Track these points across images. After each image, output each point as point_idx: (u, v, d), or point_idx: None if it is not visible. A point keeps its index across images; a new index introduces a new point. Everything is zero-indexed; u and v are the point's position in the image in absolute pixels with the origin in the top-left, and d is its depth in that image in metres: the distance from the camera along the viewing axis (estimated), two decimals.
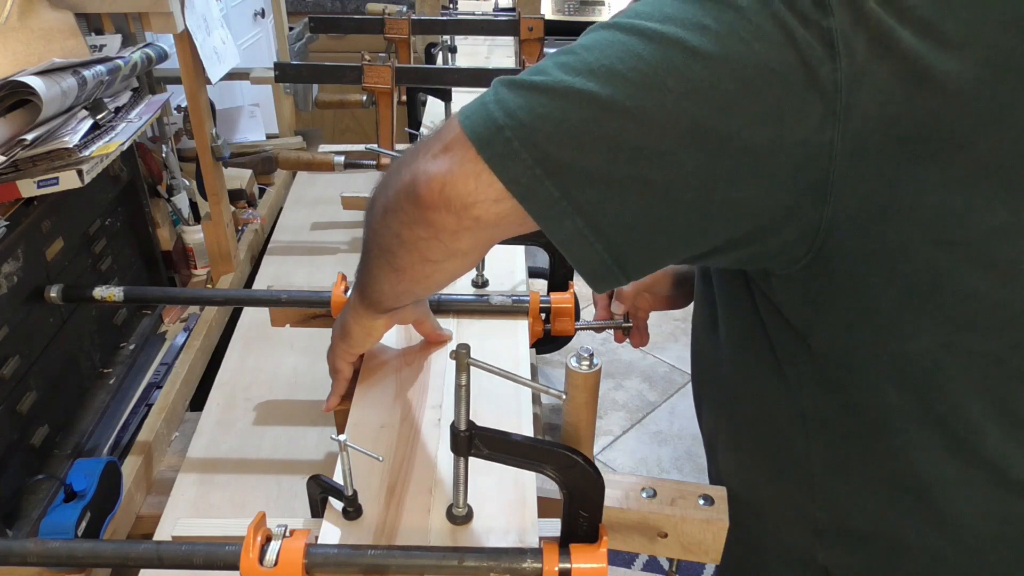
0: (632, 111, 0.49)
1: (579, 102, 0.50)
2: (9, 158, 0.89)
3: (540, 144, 0.50)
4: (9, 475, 0.92)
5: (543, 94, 0.51)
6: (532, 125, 0.51)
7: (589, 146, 0.50)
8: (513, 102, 0.52)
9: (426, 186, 0.55)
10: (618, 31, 0.52)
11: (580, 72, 0.50)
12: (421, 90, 1.52)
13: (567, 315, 0.91)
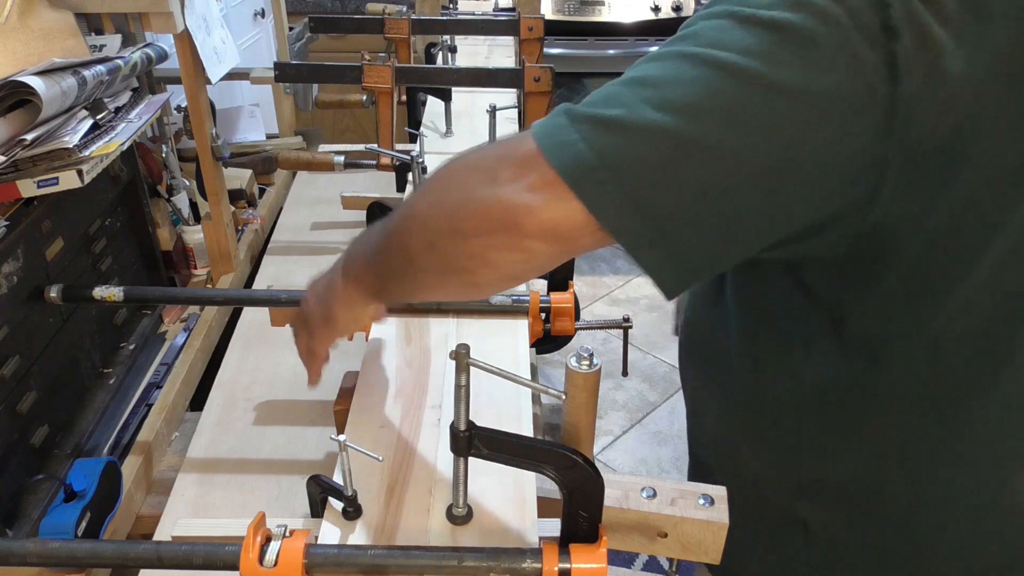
0: (718, 150, 0.52)
1: (667, 143, 0.52)
2: (9, 158, 0.89)
3: (632, 185, 0.53)
4: (9, 475, 0.92)
5: (632, 134, 0.53)
6: (624, 167, 0.53)
7: (677, 186, 0.53)
8: (602, 142, 0.53)
9: (527, 218, 0.56)
10: (700, 64, 0.53)
11: (666, 109, 0.52)
12: (421, 90, 1.52)
13: (567, 315, 0.91)
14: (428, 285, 0.67)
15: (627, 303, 3.09)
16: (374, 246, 0.69)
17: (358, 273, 0.73)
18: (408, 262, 0.65)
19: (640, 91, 0.54)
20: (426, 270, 0.64)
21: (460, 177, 0.61)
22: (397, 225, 0.65)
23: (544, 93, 1.30)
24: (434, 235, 0.61)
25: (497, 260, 0.59)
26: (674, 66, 0.54)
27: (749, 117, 0.51)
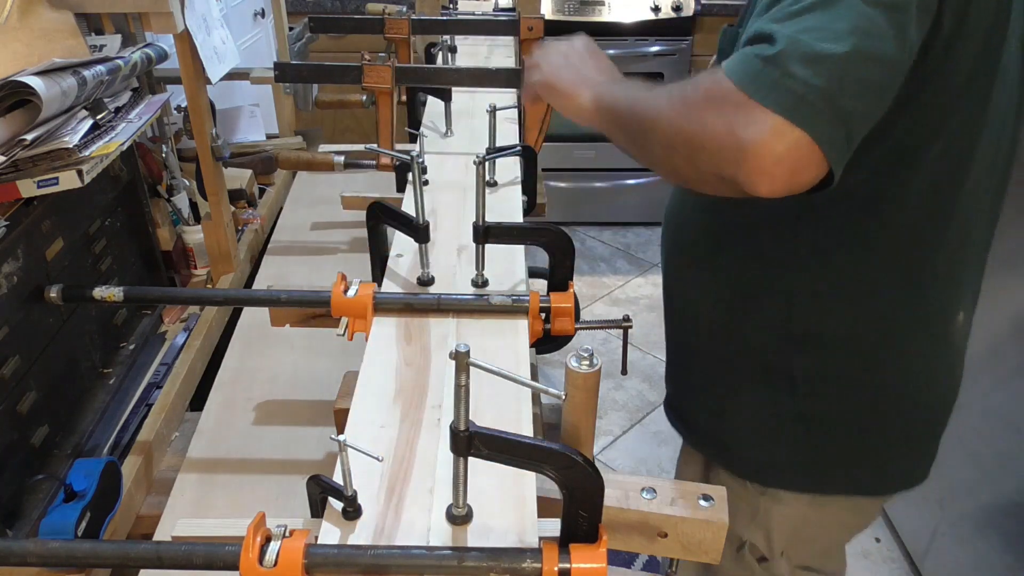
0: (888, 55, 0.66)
1: (855, 64, 0.65)
2: (9, 158, 0.89)
3: (837, 104, 0.65)
4: (9, 475, 0.92)
5: (828, 64, 0.64)
6: (829, 93, 0.64)
7: (866, 94, 0.67)
8: (804, 78, 0.64)
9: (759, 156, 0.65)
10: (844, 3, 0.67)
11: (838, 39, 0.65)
12: (421, 90, 1.52)
13: (567, 315, 0.91)
14: (645, 159, 0.81)
15: (627, 303, 3.09)
16: (624, 110, 0.83)
17: (604, 108, 0.87)
18: (643, 141, 0.79)
19: (812, 33, 0.65)
20: (651, 153, 0.78)
21: (702, 111, 0.70)
22: (648, 116, 0.77)
23: None
24: (677, 143, 0.73)
25: (705, 182, 0.73)
26: (821, 9, 0.66)
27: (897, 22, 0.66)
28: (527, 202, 1.23)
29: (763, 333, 0.94)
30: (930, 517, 1.85)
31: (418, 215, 0.96)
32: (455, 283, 0.99)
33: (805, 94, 0.63)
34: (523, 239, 1.01)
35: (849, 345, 0.90)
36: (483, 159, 0.90)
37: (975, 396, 1.68)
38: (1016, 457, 1.55)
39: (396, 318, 0.91)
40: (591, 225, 3.58)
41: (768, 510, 1.04)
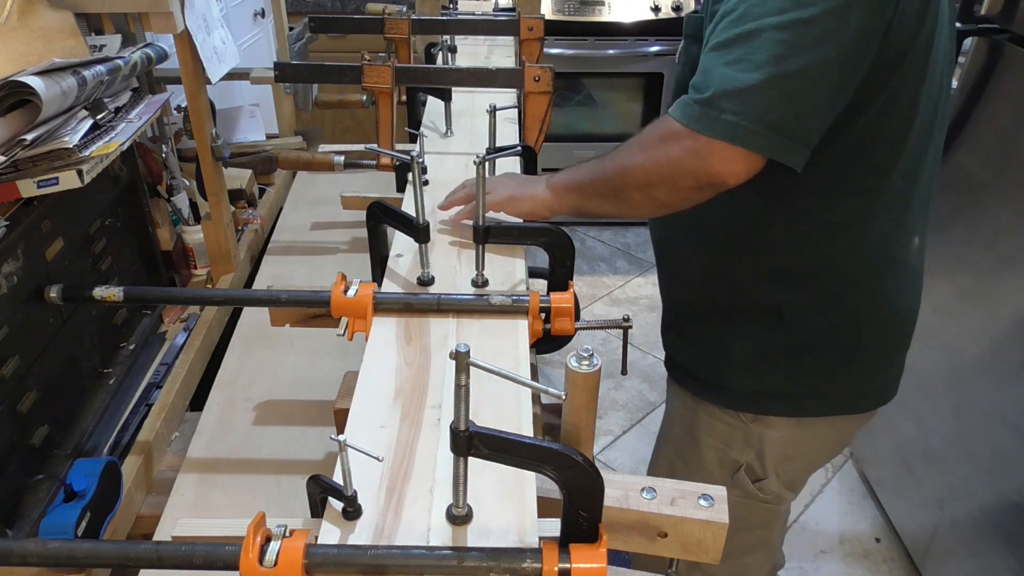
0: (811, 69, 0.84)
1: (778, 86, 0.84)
2: (9, 158, 0.89)
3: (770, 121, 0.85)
4: (9, 475, 0.92)
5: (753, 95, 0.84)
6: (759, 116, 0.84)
7: (800, 105, 0.86)
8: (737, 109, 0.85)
9: (720, 173, 0.88)
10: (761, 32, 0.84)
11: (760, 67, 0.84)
12: (421, 90, 1.52)
13: (567, 315, 0.91)
14: (625, 208, 0.99)
15: (627, 303, 3.09)
16: (586, 180, 1.04)
17: (563, 189, 1.08)
18: (620, 194, 0.98)
19: (736, 66, 0.84)
20: (631, 200, 0.97)
21: (664, 149, 0.91)
22: (615, 172, 0.98)
23: (544, 93, 1.30)
24: (654, 180, 0.93)
25: (688, 199, 0.93)
26: (744, 43, 0.84)
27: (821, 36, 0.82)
28: None
29: (750, 273, 1.07)
30: (930, 517, 1.85)
31: (418, 215, 0.96)
32: (455, 283, 0.99)
33: (737, 122, 0.84)
34: (523, 239, 1.02)
35: (827, 275, 1.03)
36: (483, 159, 0.90)
37: (975, 396, 1.68)
38: (1016, 457, 1.55)
39: (396, 318, 0.91)
40: (591, 225, 3.58)
41: (760, 435, 1.15)
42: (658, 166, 0.91)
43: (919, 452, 1.90)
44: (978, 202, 1.68)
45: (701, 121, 0.86)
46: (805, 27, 0.81)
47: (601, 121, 3.41)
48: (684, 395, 1.23)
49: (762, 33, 0.83)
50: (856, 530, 2.09)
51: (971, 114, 1.69)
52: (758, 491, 1.21)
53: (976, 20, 1.65)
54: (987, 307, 1.65)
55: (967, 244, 1.70)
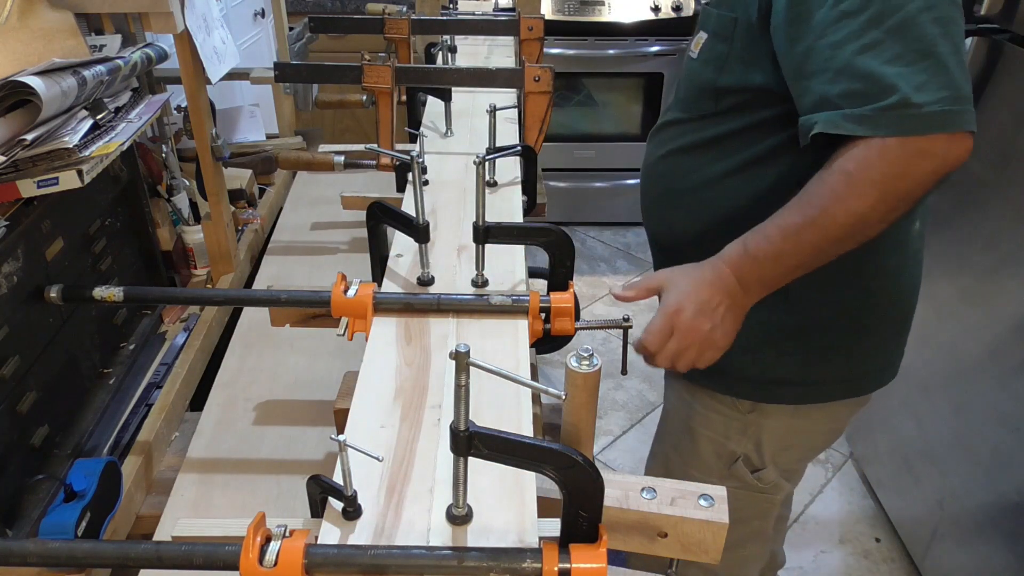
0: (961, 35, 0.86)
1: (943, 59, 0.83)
2: (9, 158, 0.89)
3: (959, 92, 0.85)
4: (9, 475, 0.92)
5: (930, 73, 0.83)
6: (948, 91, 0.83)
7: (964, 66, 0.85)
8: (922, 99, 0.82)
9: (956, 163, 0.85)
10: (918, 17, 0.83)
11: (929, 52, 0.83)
12: (421, 90, 1.52)
13: (567, 315, 0.91)
14: (837, 254, 0.90)
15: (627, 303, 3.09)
16: (785, 257, 0.90)
17: (767, 283, 0.93)
18: (841, 245, 0.89)
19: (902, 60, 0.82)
20: (860, 240, 0.88)
21: (891, 170, 0.84)
22: (841, 229, 0.87)
23: (544, 93, 1.30)
24: (891, 211, 0.86)
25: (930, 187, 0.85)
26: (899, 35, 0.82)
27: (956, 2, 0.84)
28: (527, 202, 1.23)
29: None
30: (930, 517, 1.85)
31: (418, 215, 0.96)
32: (455, 283, 0.99)
33: (949, 109, 0.81)
34: (523, 239, 1.02)
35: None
36: (483, 159, 0.90)
37: (975, 396, 1.68)
38: (1016, 457, 1.55)
39: (396, 318, 0.91)
40: (591, 225, 3.58)
41: (758, 424, 1.16)
42: (896, 191, 0.84)
43: (919, 452, 1.90)
44: (978, 202, 1.68)
45: (916, 124, 0.82)
46: (944, 1, 0.82)
47: (601, 121, 3.41)
48: (680, 388, 1.24)
49: (916, 20, 0.81)
50: (856, 530, 2.09)
51: None
52: (756, 481, 1.22)
53: (976, 20, 1.65)
54: (987, 307, 1.65)
55: (967, 244, 1.70)
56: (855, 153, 0.84)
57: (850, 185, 0.85)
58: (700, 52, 1.06)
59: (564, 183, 3.44)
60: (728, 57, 1.00)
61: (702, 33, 1.05)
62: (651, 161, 1.17)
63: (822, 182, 0.87)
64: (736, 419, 1.17)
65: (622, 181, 3.48)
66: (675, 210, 1.13)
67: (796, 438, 1.18)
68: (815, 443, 1.24)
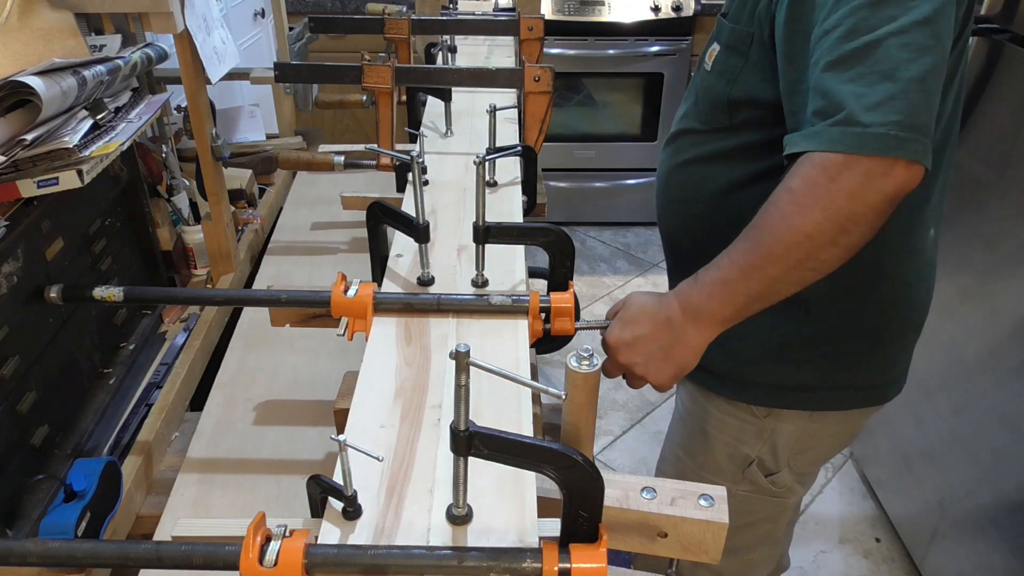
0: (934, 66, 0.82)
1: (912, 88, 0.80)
2: (9, 158, 0.89)
3: (913, 125, 0.80)
4: (9, 475, 0.92)
5: (896, 102, 0.79)
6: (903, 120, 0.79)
7: (932, 101, 0.81)
8: (883, 120, 0.79)
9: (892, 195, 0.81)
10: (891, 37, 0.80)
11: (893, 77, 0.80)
12: (421, 90, 1.52)
13: (567, 315, 0.91)
14: (804, 284, 0.85)
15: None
16: (733, 284, 0.86)
17: (716, 314, 0.88)
18: (796, 271, 0.84)
19: (864, 80, 0.80)
20: (818, 267, 0.83)
21: (835, 187, 0.80)
22: (783, 249, 0.82)
23: (544, 93, 1.30)
24: (841, 231, 0.81)
25: (875, 228, 0.82)
26: (865, 56, 0.80)
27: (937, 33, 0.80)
28: (527, 202, 1.23)
29: None
30: (930, 517, 1.85)
31: (418, 215, 0.96)
32: (455, 283, 0.99)
33: (892, 133, 0.78)
34: (523, 239, 1.02)
35: (854, 264, 0.95)
36: (483, 159, 0.90)
37: (975, 396, 1.68)
38: (1016, 457, 1.55)
39: (396, 318, 0.91)
40: (591, 225, 3.58)
41: (773, 429, 1.15)
42: (839, 209, 0.80)
43: (919, 452, 1.90)
44: (978, 202, 1.68)
45: (857, 142, 0.79)
46: (923, 28, 0.79)
47: (601, 121, 3.41)
48: (694, 390, 1.23)
49: (882, 43, 0.79)
50: (856, 530, 2.09)
51: (971, 114, 1.69)
52: (770, 485, 1.21)
53: (976, 20, 1.65)
54: (987, 307, 1.65)
55: (967, 244, 1.70)
56: (799, 169, 0.82)
57: (792, 201, 0.82)
58: (713, 64, 1.05)
59: (564, 183, 3.44)
60: (742, 71, 1.00)
61: (715, 45, 1.05)
62: (668, 168, 1.16)
63: (770, 202, 0.85)
64: (751, 423, 1.16)
65: (622, 181, 3.48)
66: (691, 216, 1.13)
67: (812, 441, 1.18)
68: (831, 446, 1.23)
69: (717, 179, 1.07)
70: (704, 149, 1.09)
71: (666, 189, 1.17)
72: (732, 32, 1.01)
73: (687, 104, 1.15)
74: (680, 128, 1.15)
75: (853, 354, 1.09)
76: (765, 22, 0.95)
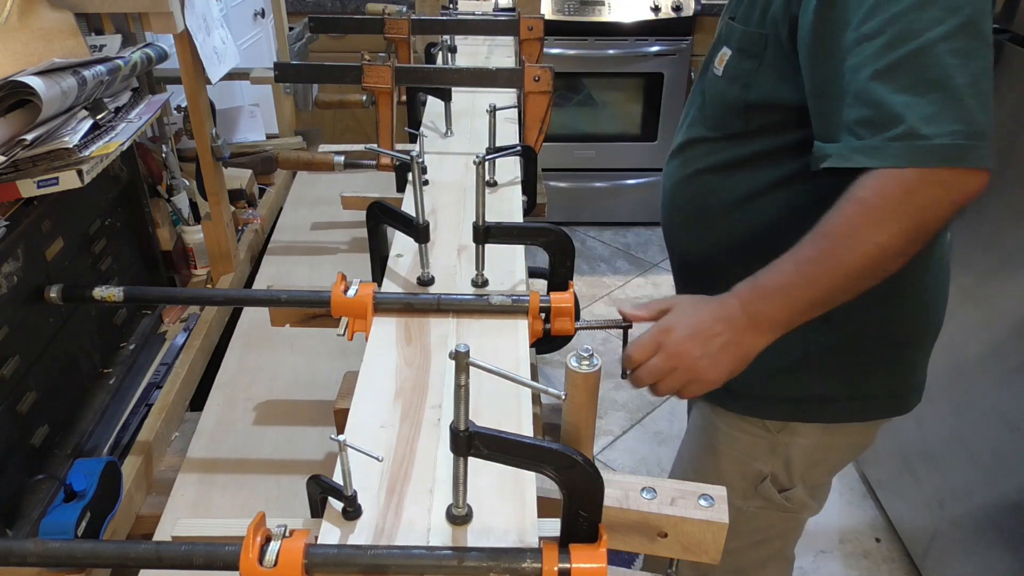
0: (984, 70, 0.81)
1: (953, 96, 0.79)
2: (9, 158, 0.89)
3: (971, 124, 0.80)
4: (9, 475, 0.92)
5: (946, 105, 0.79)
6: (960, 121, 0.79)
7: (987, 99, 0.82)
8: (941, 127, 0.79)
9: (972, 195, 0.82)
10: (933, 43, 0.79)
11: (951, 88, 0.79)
12: (421, 90, 1.52)
13: (567, 315, 0.91)
14: (854, 293, 0.85)
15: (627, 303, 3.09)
16: (796, 291, 0.85)
17: (777, 319, 0.87)
18: (861, 282, 0.84)
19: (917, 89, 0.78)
20: (880, 277, 0.84)
21: (909, 203, 0.80)
22: (857, 263, 0.82)
23: (544, 93, 1.30)
24: (911, 242, 0.81)
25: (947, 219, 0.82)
26: (914, 64, 0.79)
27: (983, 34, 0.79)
28: (527, 202, 1.23)
29: None
30: (930, 517, 1.85)
31: (418, 215, 0.96)
32: (455, 283, 0.99)
33: (959, 143, 0.78)
34: (523, 239, 1.02)
35: None
36: (483, 159, 0.90)
37: (975, 396, 1.68)
38: (1016, 457, 1.55)
39: (396, 318, 0.91)
40: (591, 225, 3.58)
41: (787, 443, 1.12)
42: (912, 222, 0.80)
43: (919, 452, 1.90)
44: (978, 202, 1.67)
45: (924, 156, 0.78)
46: (969, 30, 0.78)
47: (601, 121, 3.41)
48: (703, 406, 1.20)
49: (931, 50, 0.78)
50: (856, 530, 2.09)
51: None
52: (784, 501, 1.18)
53: None
54: (987, 307, 1.65)
55: (967, 244, 1.70)
56: (871, 183, 0.81)
57: (869, 215, 0.81)
58: (725, 69, 1.01)
59: (564, 183, 3.44)
60: (757, 74, 0.97)
61: (725, 49, 1.01)
62: (678, 180, 1.12)
63: (839, 212, 0.83)
64: (764, 438, 1.13)
65: (622, 181, 3.48)
66: (705, 230, 1.09)
67: (826, 453, 1.15)
68: (844, 458, 1.20)
69: (734, 188, 1.04)
70: (718, 157, 1.05)
71: (675, 203, 1.13)
72: (744, 35, 0.98)
73: (692, 111, 1.11)
74: (688, 138, 1.10)
75: (876, 362, 1.06)
76: (783, 23, 0.92)
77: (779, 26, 0.93)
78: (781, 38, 0.93)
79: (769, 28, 0.94)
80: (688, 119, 1.12)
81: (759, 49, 0.96)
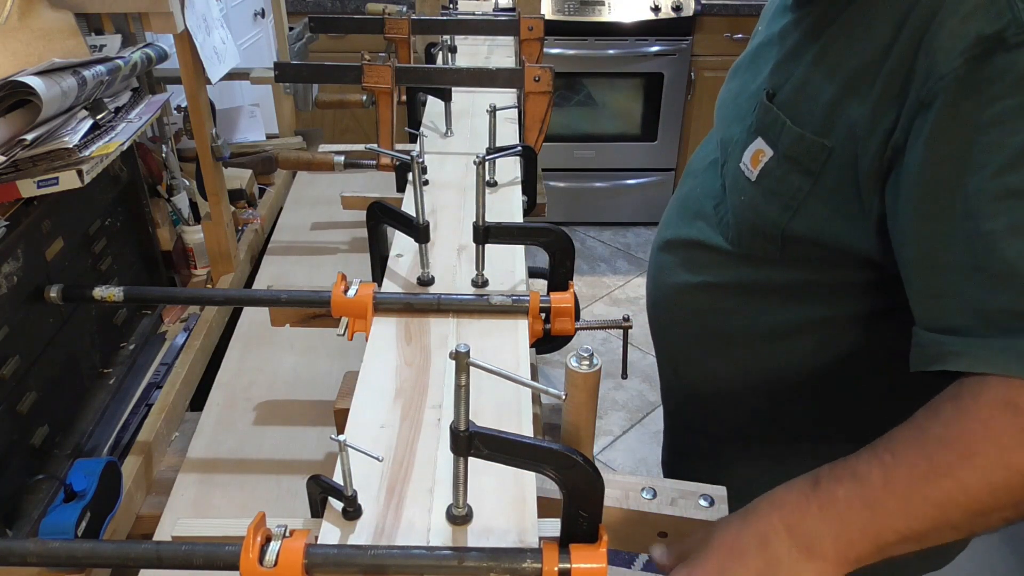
0: None
1: None
2: (9, 158, 0.89)
3: None
4: (9, 475, 0.92)
5: None
6: None
7: None
8: None
9: None
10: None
11: None
12: (421, 90, 1.52)
13: (567, 315, 0.91)
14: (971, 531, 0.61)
15: (627, 303, 3.09)
16: (886, 515, 0.59)
17: (847, 548, 0.60)
18: (975, 519, 0.58)
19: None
20: (1000, 518, 0.59)
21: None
22: (962, 487, 0.58)
23: (544, 93, 1.30)
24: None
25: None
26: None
27: None
28: (527, 202, 1.23)
29: (814, 424, 0.87)
30: None
31: (418, 215, 0.96)
32: (455, 283, 0.99)
33: None
34: (523, 239, 1.02)
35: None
36: (483, 159, 0.90)
37: None
38: None
39: (396, 318, 0.91)
40: (591, 225, 3.58)
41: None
42: None
43: None
44: None
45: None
46: None
47: (601, 121, 3.41)
48: None
49: None
50: None
51: None
52: None
53: None
54: None
55: None
56: (1011, 395, 0.57)
57: (1011, 433, 0.56)
58: (761, 175, 0.77)
59: (564, 183, 3.44)
60: (808, 197, 0.73)
61: (763, 145, 0.77)
62: (679, 286, 0.94)
63: (970, 417, 0.58)
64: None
65: (622, 181, 3.48)
66: (718, 355, 0.93)
67: None
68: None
69: (755, 318, 0.85)
70: (734, 275, 0.86)
71: (674, 311, 0.96)
72: (799, 141, 0.73)
73: (705, 202, 0.89)
74: (694, 239, 0.90)
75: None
76: (866, 143, 0.67)
77: (856, 143, 0.68)
78: (855, 160, 0.69)
79: (837, 141, 0.70)
80: (693, 207, 0.92)
81: (817, 166, 0.71)
